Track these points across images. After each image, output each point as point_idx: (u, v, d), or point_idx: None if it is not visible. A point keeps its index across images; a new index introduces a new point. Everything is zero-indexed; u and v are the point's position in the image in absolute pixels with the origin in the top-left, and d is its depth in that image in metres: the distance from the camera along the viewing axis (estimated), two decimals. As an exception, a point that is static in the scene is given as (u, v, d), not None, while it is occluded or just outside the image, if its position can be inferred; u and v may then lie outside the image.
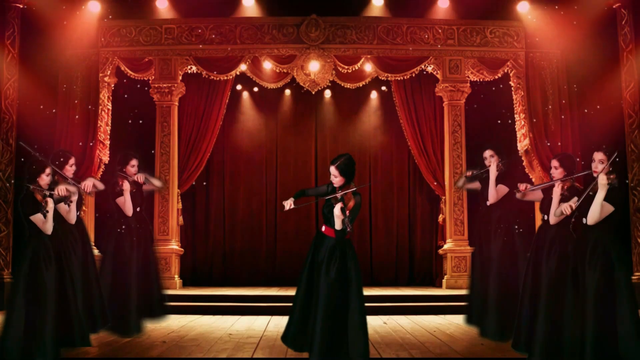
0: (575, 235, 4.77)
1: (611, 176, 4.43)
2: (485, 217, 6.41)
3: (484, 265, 6.26)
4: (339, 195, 4.58)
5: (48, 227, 4.98)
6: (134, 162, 6.45)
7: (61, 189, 5.17)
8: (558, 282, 4.79)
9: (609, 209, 4.49)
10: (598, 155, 4.67)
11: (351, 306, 4.54)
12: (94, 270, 6.06)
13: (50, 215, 4.96)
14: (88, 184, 6.00)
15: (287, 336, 4.73)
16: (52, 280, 4.98)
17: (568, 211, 4.58)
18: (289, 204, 4.73)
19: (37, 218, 4.96)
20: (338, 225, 4.51)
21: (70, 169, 5.98)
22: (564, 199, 5.28)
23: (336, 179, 4.63)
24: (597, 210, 4.44)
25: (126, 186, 6.30)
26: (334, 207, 4.58)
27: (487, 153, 6.43)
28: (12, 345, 4.85)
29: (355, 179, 4.77)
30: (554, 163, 5.44)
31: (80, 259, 5.98)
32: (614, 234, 4.56)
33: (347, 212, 4.50)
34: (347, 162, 4.64)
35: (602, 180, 4.42)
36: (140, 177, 6.40)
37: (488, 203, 6.30)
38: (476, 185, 6.66)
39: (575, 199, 4.72)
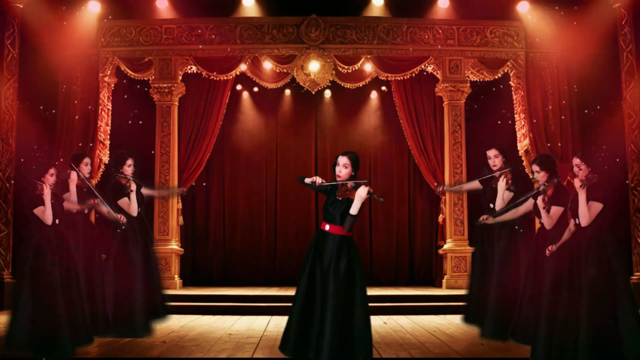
0: (573, 234, 4.82)
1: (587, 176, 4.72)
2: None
3: (485, 266, 6.25)
4: (350, 184, 4.56)
5: (47, 216, 5.11)
6: (130, 161, 6.43)
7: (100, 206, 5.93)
8: (557, 282, 4.81)
9: (598, 206, 4.62)
10: (575, 161, 4.87)
11: (356, 306, 4.49)
12: (99, 275, 6.06)
13: (47, 202, 5.10)
14: (124, 216, 6.21)
15: (287, 344, 4.52)
16: (57, 270, 5.03)
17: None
18: (320, 180, 4.66)
19: (39, 210, 5.12)
20: (355, 209, 4.47)
21: (85, 168, 6.13)
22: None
23: (346, 169, 4.61)
24: (585, 212, 4.63)
25: (133, 187, 6.34)
26: (340, 201, 4.54)
27: (492, 152, 6.30)
28: (20, 339, 4.87)
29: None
30: (535, 167, 5.46)
31: (85, 260, 6.00)
32: (609, 230, 4.62)
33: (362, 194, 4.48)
34: (356, 156, 4.72)
35: (576, 184, 4.70)
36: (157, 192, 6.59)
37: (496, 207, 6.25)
38: (475, 184, 6.63)
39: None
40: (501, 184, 6.10)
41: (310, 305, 4.50)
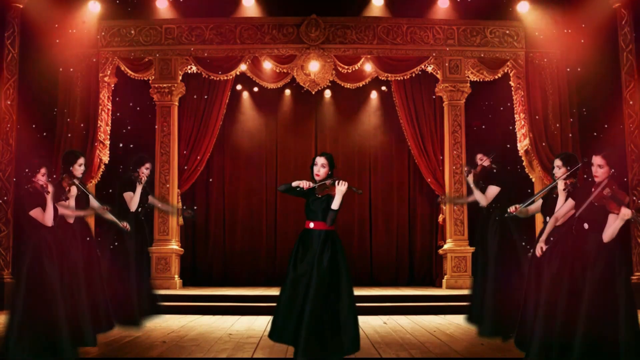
0: (576, 237, 4.77)
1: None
2: (485, 217, 6.43)
3: (484, 265, 6.29)
4: (328, 182, 4.84)
5: (47, 218, 5.07)
6: (148, 164, 6.83)
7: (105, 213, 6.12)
8: (557, 283, 4.79)
9: (616, 219, 4.45)
10: (596, 160, 4.58)
11: (342, 300, 4.65)
12: (98, 272, 6.10)
13: (49, 204, 5.06)
14: (127, 224, 6.48)
15: (274, 330, 4.80)
16: (56, 270, 5.02)
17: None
18: (307, 182, 4.95)
19: (36, 212, 5.05)
20: (336, 204, 4.74)
21: (79, 169, 6.13)
22: (569, 194, 5.27)
23: (324, 169, 4.95)
24: (613, 232, 4.42)
25: (140, 181, 6.67)
26: (320, 198, 4.83)
27: (477, 157, 6.73)
28: (19, 341, 4.87)
29: (347, 179, 5.01)
30: (557, 162, 5.39)
31: (83, 259, 6.01)
32: (616, 237, 4.56)
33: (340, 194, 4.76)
34: (332, 156, 5.06)
35: (624, 215, 4.36)
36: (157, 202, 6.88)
37: (483, 205, 6.41)
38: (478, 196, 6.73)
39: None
40: (469, 179, 6.53)
41: (294, 296, 4.70)
